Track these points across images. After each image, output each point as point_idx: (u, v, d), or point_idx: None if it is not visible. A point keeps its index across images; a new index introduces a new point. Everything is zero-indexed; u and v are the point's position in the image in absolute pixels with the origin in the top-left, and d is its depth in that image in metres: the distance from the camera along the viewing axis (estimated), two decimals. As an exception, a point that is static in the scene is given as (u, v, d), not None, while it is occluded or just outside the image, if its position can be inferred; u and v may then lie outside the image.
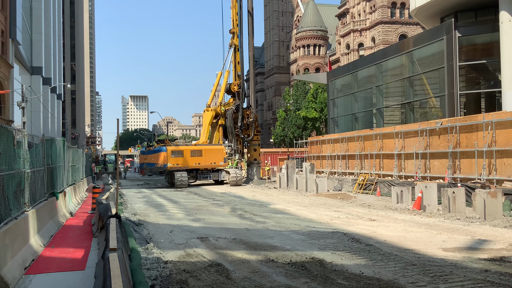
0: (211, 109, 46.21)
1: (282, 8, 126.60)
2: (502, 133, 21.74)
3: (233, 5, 47.85)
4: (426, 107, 34.21)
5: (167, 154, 39.80)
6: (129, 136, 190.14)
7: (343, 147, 36.92)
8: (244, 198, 28.55)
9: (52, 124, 50.98)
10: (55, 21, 54.38)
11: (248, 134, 46.52)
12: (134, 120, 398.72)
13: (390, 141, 30.55)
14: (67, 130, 79.04)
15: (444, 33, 30.41)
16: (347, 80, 43.38)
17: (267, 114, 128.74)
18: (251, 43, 50.41)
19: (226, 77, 47.73)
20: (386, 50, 39.84)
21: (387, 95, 37.78)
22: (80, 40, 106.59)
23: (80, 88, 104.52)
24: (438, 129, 25.93)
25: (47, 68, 47.91)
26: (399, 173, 29.12)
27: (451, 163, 24.71)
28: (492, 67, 30.82)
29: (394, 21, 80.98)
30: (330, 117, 46.60)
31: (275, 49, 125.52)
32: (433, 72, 31.96)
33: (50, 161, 16.53)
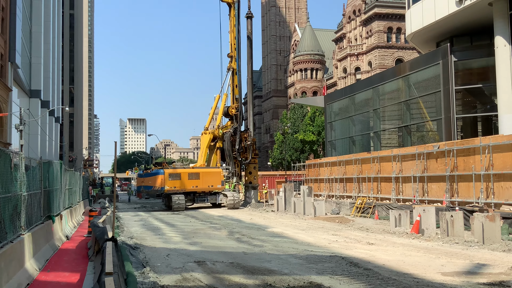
0: (209, 132, 46.30)
1: (280, 32, 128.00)
2: (499, 157, 21.80)
3: (231, 29, 48.36)
4: (423, 130, 34.34)
5: (165, 177, 39.70)
6: (126, 159, 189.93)
7: (340, 170, 36.91)
8: (241, 221, 28.39)
9: (50, 147, 50.94)
10: (55, 45, 54.82)
11: (246, 157, 46.53)
12: (131, 143, 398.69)
13: (388, 164, 30.57)
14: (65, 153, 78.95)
15: (440, 57, 30.72)
16: (344, 104, 43.60)
17: (264, 137, 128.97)
18: (249, 66, 50.81)
19: (224, 100, 47.97)
20: (382, 74, 40.16)
21: (384, 118, 37.95)
22: (79, 64, 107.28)
23: (78, 111, 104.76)
24: (436, 152, 25.98)
25: (45, 91, 48.10)
26: (397, 196, 29.07)
27: (448, 187, 24.70)
28: (488, 91, 31.05)
29: (391, 46, 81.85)
30: (328, 140, 46.69)
31: (273, 72, 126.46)
32: (429, 96, 32.17)
33: (47, 184, 16.47)
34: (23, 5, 39.91)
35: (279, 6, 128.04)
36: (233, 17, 48.05)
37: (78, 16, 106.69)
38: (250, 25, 50.64)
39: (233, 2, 47.88)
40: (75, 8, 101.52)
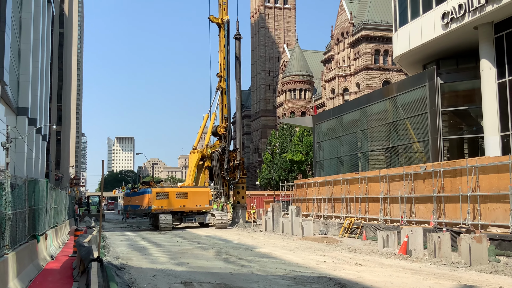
0: (197, 151, 46.21)
1: (269, 53, 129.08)
2: (485, 178, 21.99)
3: (220, 49, 48.69)
4: (411, 151, 34.59)
5: (152, 196, 39.42)
6: (113, 178, 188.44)
7: (328, 190, 36.95)
8: (229, 241, 28.21)
9: (36, 165, 50.41)
10: (43, 63, 54.66)
11: (234, 176, 46.43)
12: (119, 161, 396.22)
13: (376, 184, 30.68)
14: (51, 171, 78.18)
15: (426, 79, 31.13)
16: (332, 124, 43.86)
17: (253, 157, 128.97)
18: (238, 86, 51.07)
19: (213, 119, 48.03)
20: (370, 95, 40.56)
21: (372, 139, 38.20)
22: (67, 82, 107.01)
23: (65, 129, 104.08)
24: (423, 173, 26.15)
25: (33, 109, 47.78)
26: (385, 217, 29.12)
27: (436, 208, 24.81)
28: (474, 113, 31.45)
29: (378, 68, 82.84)
30: (316, 160, 46.81)
31: (262, 92, 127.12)
32: (416, 117, 32.50)
33: (33, 203, 16.27)
34: (12, 23, 39.90)
35: (268, 27, 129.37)
36: (223, 38, 48.44)
37: (67, 35, 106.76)
38: (239, 45, 51.04)
39: (222, 23, 48.31)
40: (64, 26, 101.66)
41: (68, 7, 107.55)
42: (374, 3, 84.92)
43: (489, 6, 25.52)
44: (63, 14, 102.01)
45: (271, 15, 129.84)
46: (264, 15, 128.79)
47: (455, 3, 27.84)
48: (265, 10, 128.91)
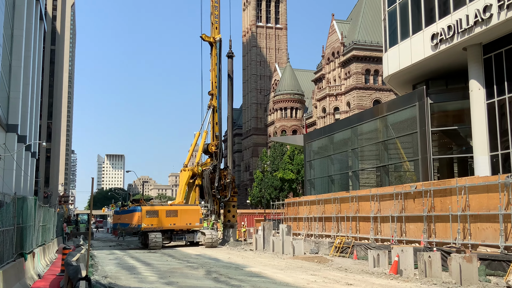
0: (188, 169, 46.05)
1: (260, 72, 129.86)
2: (475, 198, 22.09)
3: (212, 67, 48.89)
4: (401, 170, 34.73)
5: (142, 214, 39.10)
6: (103, 196, 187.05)
7: (319, 209, 36.89)
8: (219, 260, 27.98)
9: (25, 183, 49.94)
10: (34, 80, 54.55)
11: (225, 195, 46.24)
12: (109, 179, 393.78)
13: (366, 203, 30.69)
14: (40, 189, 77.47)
15: (416, 99, 31.42)
16: (323, 143, 44.01)
17: (244, 175, 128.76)
18: (229, 105, 51.21)
19: (204, 137, 47.98)
20: (361, 115, 40.82)
21: (363, 158, 38.34)
22: (58, 99, 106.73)
23: (55, 147, 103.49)
24: (413, 192, 26.21)
25: (23, 126, 47.51)
26: (376, 236, 29.06)
27: (426, 227, 24.83)
28: (463, 133, 31.72)
29: (368, 87, 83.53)
30: (307, 178, 46.82)
31: (253, 111, 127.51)
32: (406, 137, 32.71)
33: (21, 221, 16.08)
34: (4, 39, 39.90)
35: (260, 46, 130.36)
36: (215, 56, 48.68)
37: (59, 52, 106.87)
38: (231, 64, 51.33)
39: (214, 41, 48.60)
40: (56, 43, 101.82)
41: (60, 25, 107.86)
42: (365, 24, 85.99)
43: (478, 28, 25.95)
44: (55, 31, 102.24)
45: (263, 35, 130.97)
46: (256, 34, 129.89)
47: (444, 24, 28.28)
48: (256, 30, 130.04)
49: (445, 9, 28.75)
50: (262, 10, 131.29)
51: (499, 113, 26.99)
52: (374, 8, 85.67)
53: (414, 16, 31.61)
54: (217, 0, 49.36)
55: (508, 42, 26.41)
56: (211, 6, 49.56)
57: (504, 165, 26.42)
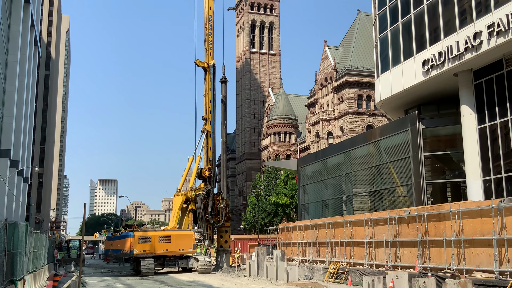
0: (181, 194, 45.84)
1: (254, 97, 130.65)
2: (469, 223, 22.08)
3: (206, 92, 49.17)
4: (394, 195, 34.75)
5: (134, 240, 38.72)
6: (95, 221, 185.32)
7: (313, 234, 36.70)
8: (212, 287, 27.66)
9: (16, 208, 49.43)
10: (28, 105, 54.53)
11: (219, 220, 45.97)
12: (101, 204, 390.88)
13: (360, 228, 30.57)
14: (31, 215, 76.67)
15: (408, 124, 31.65)
16: (317, 167, 44.05)
17: (237, 200, 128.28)
18: (223, 129, 51.34)
19: (197, 162, 47.92)
20: (354, 139, 41.03)
21: (356, 182, 38.37)
22: (51, 124, 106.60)
23: (48, 172, 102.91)
24: (407, 217, 26.17)
25: (15, 151, 47.26)
26: (370, 261, 28.89)
27: (420, 252, 24.73)
28: (456, 157, 31.90)
29: (361, 112, 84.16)
30: (301, 203, 46.71)
31: (247, 135, 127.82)
32: (399, 161, 32.83)
33: (12, 247, 15.90)
34: (-2, 64, 40.05)
35: (254, 71, 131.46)
36: (208, 81, 49.02)
37: (53, 77, 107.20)
38: (225, 89, 51.65)
39: (208, 67, 49.00)
40: (51, 69, 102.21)
41: (54, 50, 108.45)
42: (357, 50, 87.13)
43: (468, 54, 26.36)
44: (50, 57, 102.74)
45: (256, 60, 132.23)
46: (250, 60, 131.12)
47: (435, 50, 28.72)
48: (250, 55, 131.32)
49: (436, 35, 29.24)
50: (255, 36, 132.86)
51: (491, 138, 27.22)
52: (366, 34, 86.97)
53: (405, 42, 32.09)
54: (211, 27, 49.95)
55: (498, 68, 26.82)
56: (205, 33, 50.13)
57: (497, 189, 26.53)
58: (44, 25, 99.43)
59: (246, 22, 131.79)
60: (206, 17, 50.07)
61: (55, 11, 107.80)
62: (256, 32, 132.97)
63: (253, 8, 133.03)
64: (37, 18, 58.56)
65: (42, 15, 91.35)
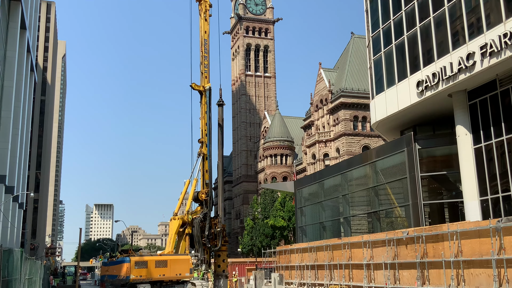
0: (178, 218, 45.47)
1: (250, 119, 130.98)
2: (467, 243, 21.96)
3: (202, 115, 49.20)
4: (392, 216, 34.63)
5: (131, 265, 38.25)
6: (91, 247, 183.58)
7: (311, 256, 36.40)
8: (210, 312, 27.25)
9: (11, 234, 48.97)
10: (23, 130, 54.50)
11: (216, 244, 45.53)
12: (97, 229, 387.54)
13: (359, 250, 30.35)
14: (26, 241, 75.93)
15: (404, 145, 31.73)
16: (314, 189, 43.94)
17: (234, 223, 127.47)
18: (220, 152, 51.20)
19: (194, 185, 47.67)
20: (350, 161, 41.05)
21: (353, 204, 38.25)
22: (47, 149, 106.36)
23: (43, 197, 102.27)
24: (405, 238, 26.02)
25: (10, 177, 47.04)
26: (369, 284, 28.60)
27: (419, 274, 24.52)
28: (452, 178, 31.91)
29: (357, 133, 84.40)
30: (298, 225, 46.45)
31: (243, 158, 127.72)
32: (396, 182, 32.80)
33: (6, 273, 15.68)
34: (-6, 90, 40.16)
35: (249, 94, 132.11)
36: (204, 104, 49.07)
37: (49, 102, 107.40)
38: (221, 112, 51.69)
39: (204, 90, 49.12)
40: (47, 94, 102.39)
41: (50, 76, 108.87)
42: (351, 71, 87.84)
43: (462, 74, 26.60)
44: (46, 82, 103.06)
45: (252, 83, 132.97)
46: (245, 82, 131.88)
47: (429, 72, 28.97)
48: (246, 78, 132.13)
49: (429, 57, 29.54)
50: (250, 59, 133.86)
51: (487, 158, 27.28)
52: (360, 56, 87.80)
53: (399, 64, 32.39)
54: (206, 51, 50.27)
55: (492, 89, 27.04)
56: (200, 56, 50.42)
57: (494, 209, 26.48)
58: (40, 50, 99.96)
59: (241, 46, 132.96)
60: (202, 41, 50.44)
61: (51, 37, 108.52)
62: (251, 55, 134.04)
63: (248, 32, 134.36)
64: (33, 44, 58.93)
65: (39, 41, 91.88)
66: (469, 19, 26.89)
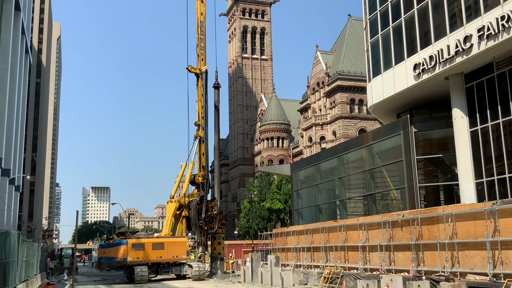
0: (174, 200, 45.68)
1: (246, 102, 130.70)
2: (462, 225, 22.15)
3: (198, 98, 49.13)
4: (388, 199, 34.82)
5: (128, 247, 38.50)
6: (88, 229, 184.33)
7: (308, 239, 36.67)
8: (207, 293, 27.52)
9: (8, 217, 49.04)
10: (19, 113, 54.23)
11: (212, 226, 45.82)
12: (94, 212, 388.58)
13: (354, 233, 30.58)
14: (23, 223, 76.07)
15: (400, 128, 31.77)
16: (310, 172, 44.07)
17: (231, 205, 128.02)
18: (216, 135, 51.27)
19: (190, 168, 47.84)
20: (346, 144, 41.11)
21: (350, 187, 38.41)
22: (43, 132, 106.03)
23: (39, 180, 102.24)
24: (401, 221, 26.22)
25: (7, 159, 46.96)
26: (365, 265, 28.87)
27: (414, 256, 24.75)
28: (448, 161, 32.04)
29: (354, 116, 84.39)
30: (294, 208, 46.68)
31: (240, 141, 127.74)
32: (392, 165, 32.93)
33: (3, 256, 15.74)
34: (-11, 73, 39.86)
35: (246, 77, 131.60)
36: (201, 87, 49.00)
37: (44, 85, 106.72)
38: (218, 95, 51.65)
39: (200, 73, 48.99)
40: (42, 76, 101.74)
41: (45, 58, 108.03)
42: (348, 54, 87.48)
43: (459, 57, 26.53)
44: (41, 64, 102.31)
45: (249, 65, 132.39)
46: (242, 65, 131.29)
47: (426, 54, 28.88)
48: (242, 61, 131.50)
49: (427, 39, 29.41)
50: (247, 41, 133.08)
51: (483, 141, 27.37)
52: (357, 39, 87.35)
53: (396, 46, 32.26)
54: (202, 33, 49.99)
55: (489, 71, 27.00)
56: (197, 39, 50.16)
57: (489, 192, 26.65)
58: (35, 32, 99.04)
59: (238, 28, 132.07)
60: (198, 23, 50.13)
61: (46, 18, 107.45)
62: (248, 38, 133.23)
63: (245, 13, 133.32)
64: (27, 26, 58.33)
65: (33, 22, 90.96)
66: (467, 2, 26.72)
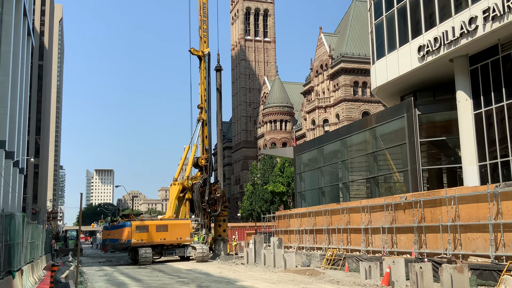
0: (178, 183, 45.82)
1: (249, 85, 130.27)
2: (464, 208, 22.18)
3: (201, 81, 48.96)
4: (391, 181, 34.83)
5: (132, 229, 38.76)
6: (92, 211, 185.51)
7: (310, 221, 36.83)
8: (210, 275, 27.76)
9: (13, 199, 49.39)
10: (22, 95, 54.24)
11: (216, 209, 46.02)
12: (98, 194, 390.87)
13: (357, 215, 30.68)
14: (28, 205, 76.63)
15: (404, 110, 31.64)
16: (313, 155, 44.07)
17: (234, 188, 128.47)
18: (219, 118, 51.19)
19: (193, 151, 47.85)
20: (350, 126, 41.00)
21: (352, 169, 38.42)
22: (46, 115, 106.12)
23: (43, 162, 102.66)
24: (403, 203, 26.27)
25: (10, 142, 47.13)
26: (367, 248, 29.03)
27: (417, 238, 24.85)
28: (452, 143, 31.95)
29: (357, 99, 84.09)
30: (297, 191, 46.79)
31: (243, 124, 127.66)
32: (395, 148, 32.86)
33: (9, 238, 15.87)
34: (-9, 55, 39.77)
35: (249, 59, 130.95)
36: (203, 70, 48.77)
37: (47, 67, 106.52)
38: (220, 77, 51.42)
39: (203, 55, 48.72)
40: (44, 59, 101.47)
41: (48, 40, 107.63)
42: (352, 36, 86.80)
43: (464, 39, 26.28)
44: (43, 46, 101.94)
45: (252, 48, 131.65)
46: (245, 47, 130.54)
47: (431, 36, 28.61)
48: (245, 43, 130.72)
49: (431, 21, 29.11)
50: (250, 23, 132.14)
51: (487, 124, 27.24)
52: (361, 21, 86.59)
53: (401, 28, 31.95)
54: (205, 14, 49.59)
55: (493, 53, 26.75)
56: (199, 20, 49.78)
57: (492, 175, 26.61)
58: (36, 14, 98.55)
59: (241, 10, 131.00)
60: (200, 5, 49.72)
61: (47, 0, 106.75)
62: (251, 20, 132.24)
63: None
64: (29, 8, 58.00)
65: (35, 4, 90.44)
66: (473, -18, 26.35)
